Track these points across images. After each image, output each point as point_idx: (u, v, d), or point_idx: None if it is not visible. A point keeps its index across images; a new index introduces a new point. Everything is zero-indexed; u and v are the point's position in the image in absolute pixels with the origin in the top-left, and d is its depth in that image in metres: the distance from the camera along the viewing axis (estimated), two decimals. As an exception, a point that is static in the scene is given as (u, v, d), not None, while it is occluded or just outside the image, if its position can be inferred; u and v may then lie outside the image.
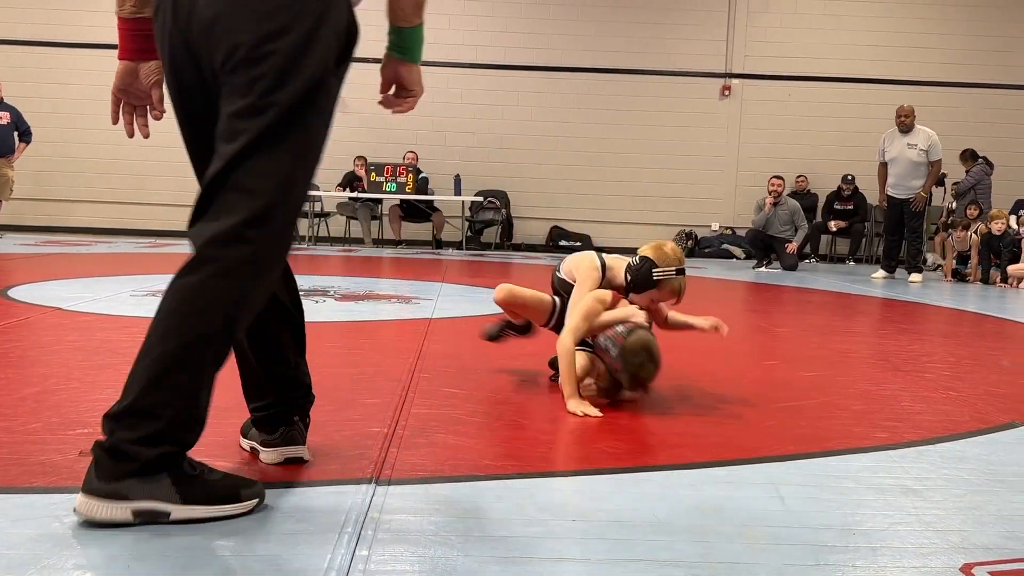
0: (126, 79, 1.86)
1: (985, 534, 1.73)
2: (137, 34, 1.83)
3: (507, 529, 1.66)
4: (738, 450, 2.30)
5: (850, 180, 12.09)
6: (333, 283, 6.38)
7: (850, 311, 6.32)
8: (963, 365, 3.84)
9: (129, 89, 1.87)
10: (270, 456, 1.99)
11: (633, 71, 12.80)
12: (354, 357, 3.45)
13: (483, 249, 12.13)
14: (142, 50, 1.83)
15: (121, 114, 1.90)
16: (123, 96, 1.88)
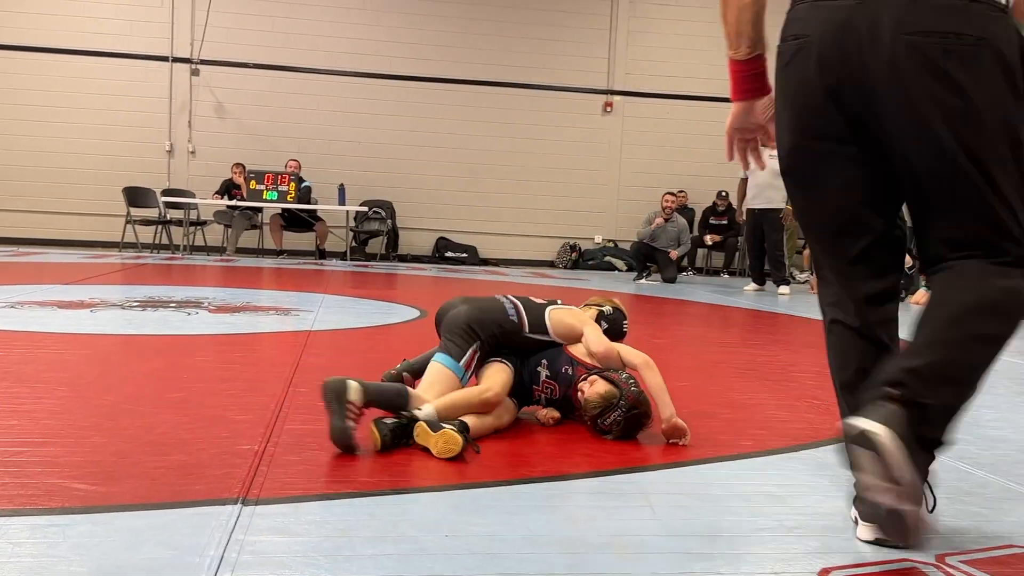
0: (741, 118, 1.97)
1: (842, 539, 1.81)
2: (752, 74, 1.91)
3: (377, 547, 1.63)
4: (611, 460, 2.33)
5: (724, 196, 12.54)
6: (208, 294, 6.18)
7: (723, 323, 6.54)
8: (826, 374, 4.00)
9: (744, 126, 1.98)
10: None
11: (518, 85, 12.94)
12: (226, 371, 3.34)
13: (368, 260, 11.99)
14: (757, 89, 1.92)
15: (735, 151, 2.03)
16: (737, 134, 2.00)
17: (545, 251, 13.16)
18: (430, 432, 2.27)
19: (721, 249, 12.79)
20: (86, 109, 12.04)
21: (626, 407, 2.49)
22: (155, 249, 11.67)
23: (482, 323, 2.72)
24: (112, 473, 2.00)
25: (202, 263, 9.86)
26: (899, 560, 1.69)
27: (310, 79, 12.50)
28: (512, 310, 2.81)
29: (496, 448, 2.38)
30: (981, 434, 2.88)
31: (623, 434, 2.53)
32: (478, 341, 2.67)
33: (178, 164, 12.40)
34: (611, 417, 2.50)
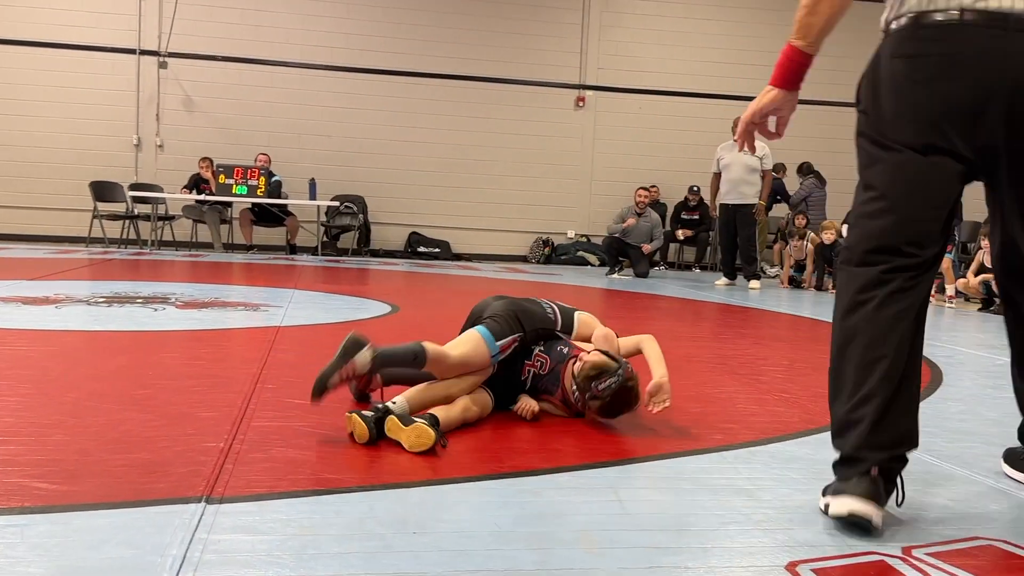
0: (777, 103, 2.06)
1: (810, 531, 1.82)
2: (804, 68, 2.03)
3: (343, 546, 1.61)
4: (580, 455, 2.33)
5: (696, 191, 12.60)
6: (175, 290, 6.11)
7: (694, 317, 6.56)
8: (796, 368, 4.05)
9: (773, 113, 2.08)
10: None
11: (490, 79, 12.91)
12: (193, 368, 3.30)
13: (340, 255, 11.92)
14: (799, 81, 2.04)
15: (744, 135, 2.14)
16: (760, 118, 2.09)
17: (518, 246, 13.16)
18: (402, 426, 2.26)
19: (693, 244, 12.87)
20: (52, 102, 11.86)
21: (622, 377, 2.56)
22: (122, 244, 11.52)
23: (530, 318, 2.80)
24: (74, 472, 1.97)
25: (170, 258, 9.76)
26: (866, 553, 1.70)
27: (280, 72, 12.39)
28: (551, 311, 2.92)
29: (465, 443, 2.37)
30: (947, 427, 2.91)
31: (609, 408, 2.59)
32: (522, 332, 2.74)
33: (146, 158, 12.25)
34: (605, 382, 2.55)
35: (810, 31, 2.00)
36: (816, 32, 2.01)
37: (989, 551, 1.75)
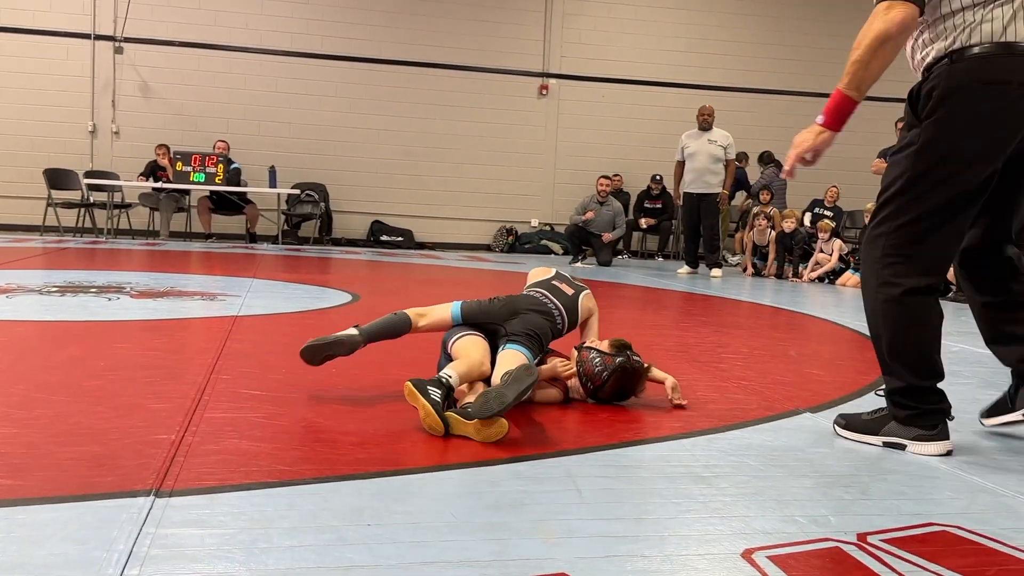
0: (826, 145, 2.40)
1: (765, 519, 1.82)
2: (852, 113, 2.35)
3: (296, 539, 1.58)
4: (539, 444, 2.31)
5: (658, 180, 12.64)
6: (131, 279, 6.00)
7: (656, 305, 6.59)
8: (755, 356, 4.07)
9: (821, 151, 2.40)
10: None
11: (453, 66, 12.83)
12: (146, 359, 3.24)
13: (301, 244, 11.80)
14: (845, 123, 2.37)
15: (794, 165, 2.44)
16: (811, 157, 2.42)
17: (482, 234, 13.12)
18: (465, 421, 2.29)
19: (656, 232, 12.91)
20: (4, 88, 11.59)
21: (638, 361, 2.78)
22: (78, 233, 11.31)
23: (544, 336, 2.86)
24: (20, 465, 1.91)
25: (126, 247, 9.59)
26: (821, 539, 1.71)
27: (239, 58, 12.21)
28: (559, 319, 2.94)
29: (423, 434, 2.34)
30: (902, 413, 2.94)
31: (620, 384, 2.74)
32: (541, 353, 2.85)
33: (101, 145, 12.02)
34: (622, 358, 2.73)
35: (863, 85, 2.32)
36: (866, 84, 2.33)
37: (943, 537, 1.77)
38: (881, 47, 2.26)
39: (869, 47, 2.26)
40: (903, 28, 2.25)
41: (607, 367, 2.73)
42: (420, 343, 2.81)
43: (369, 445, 2.22)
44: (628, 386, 2.78)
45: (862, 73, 2.29)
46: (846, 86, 2.31)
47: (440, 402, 2.34)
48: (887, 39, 2.25)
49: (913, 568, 1.58)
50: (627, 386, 2.77)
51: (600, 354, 2.77)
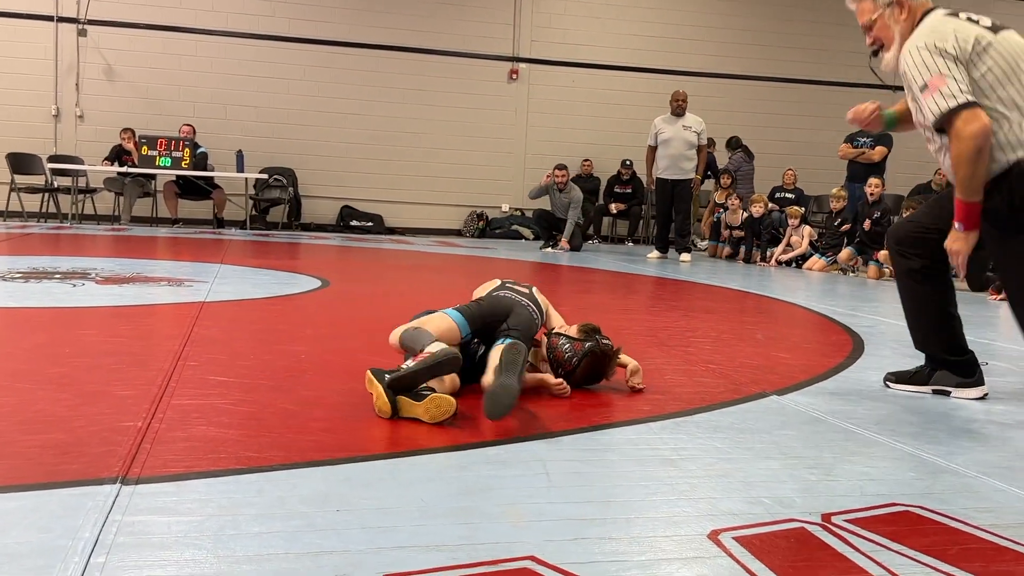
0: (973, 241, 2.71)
1: (731, 500, 1.84)
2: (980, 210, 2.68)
3: (264, 525, 1.58)
4: (509, 429, 2.32)
5: (628, 165, 12.67)
6: (96, 264, 5.92)
7: (626, 290, 6.62)
8: (723, 339, 4.11)
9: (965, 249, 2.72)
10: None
11: (423, 50, 12.75)
12: (112, 345, 3.20)
13: (269, 229, 11.70)
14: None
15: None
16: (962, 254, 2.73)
17: (452, 219, 13.09)
18: (414, 402, 2.29)
19: (626, 217, 12.95)
20: (-37, 70, 11.36)
21: (608, 344, 2.81)
22: (42, 218, 11.14)
23: (535, 329, 2.84)
24: (-19, 454, 1.89)
25: (91, 232, 9.46)
26: (786, 520, 1.73)
27: (205, 41, 12.05)
28: (536, 314, 2.87)
29: (393, 420, 2.34)
30: (867, 395, 2.99)
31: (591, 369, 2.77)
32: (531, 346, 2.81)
33: (65, 129, 11.82)
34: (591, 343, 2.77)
35: (977, 189, 2.65)
36: (976, 189, 2.65)
37: (906, 517, 1.80)
38: (977, 158, 2.60)
39: (969, 162, 2.60)
40: (985, 135, 2.58)
41: (576, 352, 2.76)
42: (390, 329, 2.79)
43: (338, 431, 2.22)
44: (599, 369, 2.81)
45: (970, 183, 2.64)
46: (965, 196, 2.66)
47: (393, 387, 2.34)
48: (979, 151, 2.59)
49: (876, 548, 1.61)
50: (598, 370, 2.80)
51: (569, 340, 2.80)
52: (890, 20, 2.85)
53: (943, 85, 2.62)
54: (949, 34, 2.66)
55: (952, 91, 2.60)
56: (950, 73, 2.62)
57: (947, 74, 2.62)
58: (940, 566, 1.54)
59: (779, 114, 13.50)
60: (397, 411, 2.33)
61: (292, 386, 2.69)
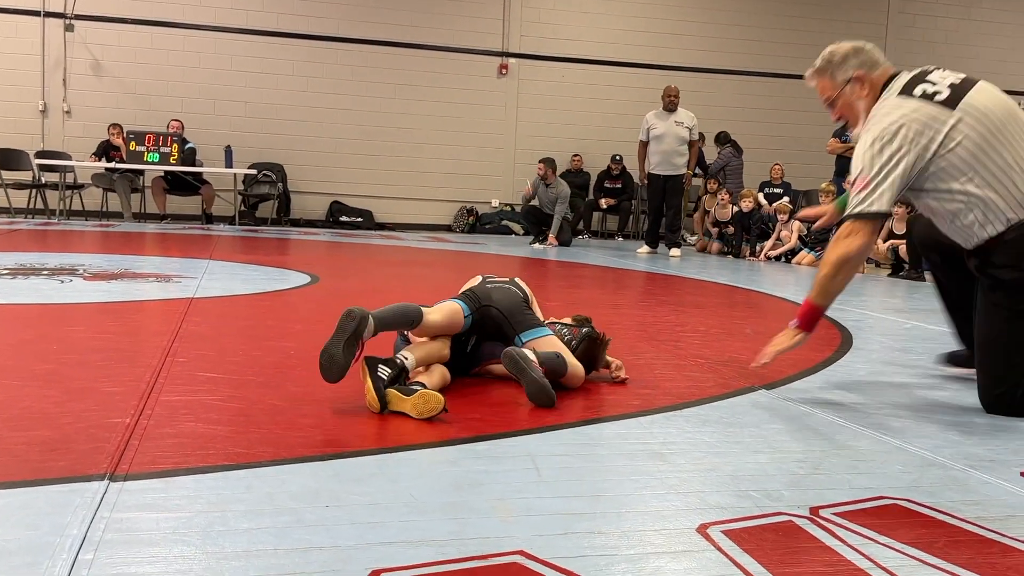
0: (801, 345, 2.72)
1: (720, 494, 1.85)
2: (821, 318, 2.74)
3: (253, 521, 1.57)
4: (499, 424, 2.32)
5: (618, 160, 12.67)
6: (84, 261, 5.89)
7: (616, 285, 6.63)
8: (712, 334, 4.12)
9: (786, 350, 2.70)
10: None
11: (412, 45, 12.73)
12: (99, 342, 3.18)
13: (258, 224, 11.67)
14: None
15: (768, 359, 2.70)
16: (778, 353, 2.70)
17: (442, 215, 13.08)
18: (403, 396, 2.30)
19: (616, 212, 12.96)
20: (-52, 65, 11.28)
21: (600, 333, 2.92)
22: (29, 214, 11.08)
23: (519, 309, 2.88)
24: (-32, 452, 1.88)
25: (79, 228, 9.41)
26: (774, 514, 1.74)
27: (193, 35, 11.99)
28: (518, 292, 2.91)
29: (382, 415, 2.34)
30: (855, 388, 3.00)
31: (588, 355, 2.85)
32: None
33: (52, 125, 11.75)
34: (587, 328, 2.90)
35: (829, 297, 2.67)
36: (832, 296, 2.68)
37: (893, 510, 1.81)
38: (844, 267, 2.60)
39: (834, 266, 2.60)
40: (861, 253, 2.59)
41: (575, 337, 2.87)
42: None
43: (327, 427, 2.22)
44: (594, 356, 2.89)
45: (828, 286, 2.64)
46: (815, 297, 2.66)
47: (383, 379, 2.36)
48: (848, 261, 2.59)
49: (864, 540, 1.62)
50: (593, 356, 2.88)
51: (567, 326, 2.93)
52: (851, 97, 2.79)
53: (864, 188, 2.59)
54: (898, 133, 2.57)
55: (864, 198, 2.58)
56: (877, 179, 2.56)
57: (873, 179, 2.57)
58: (927, 558, 1.55)
59: (768, 109, 13.53)
60: (386, 405, 2.33)
61: (281, 382, 2.68)
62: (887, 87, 2.73)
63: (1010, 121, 2.62)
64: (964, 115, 2.57)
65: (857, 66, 2.76)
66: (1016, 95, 12.67)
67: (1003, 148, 2.57)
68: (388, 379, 2.38)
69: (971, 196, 2.58)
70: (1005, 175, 2.57)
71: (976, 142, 2.56)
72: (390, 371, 2.40)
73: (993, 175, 2.56)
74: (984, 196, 2.58)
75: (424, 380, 2.48)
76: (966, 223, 2.64)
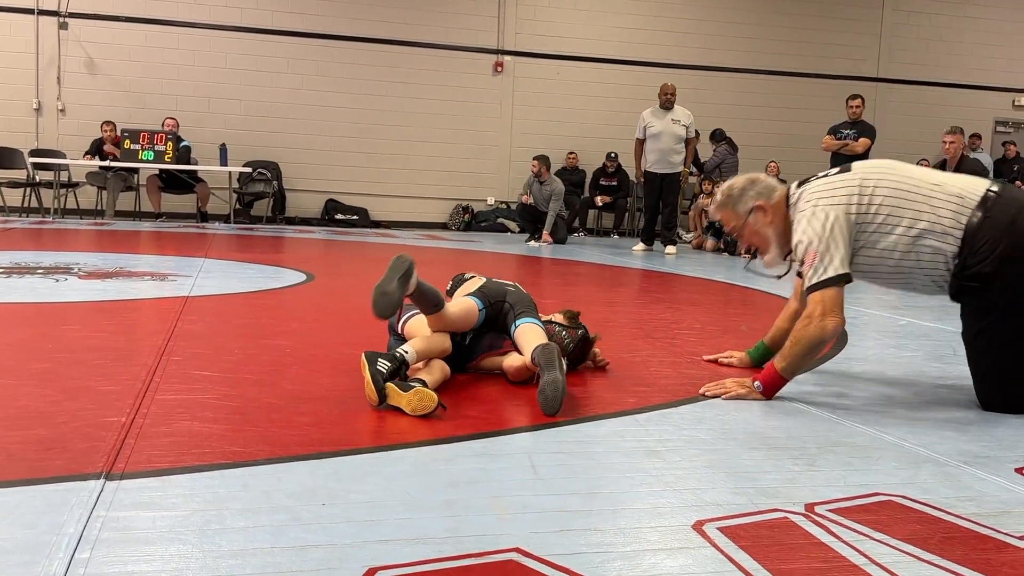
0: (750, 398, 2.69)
1: (716, 491, 1.85)
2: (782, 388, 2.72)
3: (249, 519, 1.57)
4: (495, 422, 2.33)
5: (613, 157, 12.67)
6: (79, 259, 5.88)
7: (612, 282, 6.63)
8: (708, 331, 4.12)
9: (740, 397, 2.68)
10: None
11: (407, 43, 12.71)
12: (95, 341, 3.18)
13: (253, 223, 11.65)
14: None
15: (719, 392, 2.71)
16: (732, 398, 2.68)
17: (438, 213, 13.07)
18: (401, 392, 2.32)
19: (611, 210, 12.96)
20: (-58, 63, 11.24)
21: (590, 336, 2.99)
22: (23, 213, 11.05)
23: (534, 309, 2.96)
24: (-37, 451, 1.87)
25: (74, 227, 9.39)
26: (770, 510, 1.74)
27: (188, 33, 11.96)
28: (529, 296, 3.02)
29: (379, 413, 2.34)
30: (850, 385, 3.01)
31: (581, 353, 2.96)
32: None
33: (47, 123, 11.73)
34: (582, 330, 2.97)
35: (797, 372, 2.72)
36: (799, 371, 2.74)
37: (889, 506, 1.81)
38: (818, 348, 2.65)
39: (806, 347, 2.63)
40: (835, 334, 2.65)
41: (573, 339, 2.95)
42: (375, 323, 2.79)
43: (324, 425, 2.22)
44: (585, 353, 3.01)
45: (797, 364, 2.68)
46: (783, 370, 2.67)
47: (383, 372, 2.37)
48: (823, 343, 2.65)
49: (859, 537, 1.62)
50: (585, 353, 3.01)
51: (563, 327, 2.97)
52: (757, 225, 2.89)
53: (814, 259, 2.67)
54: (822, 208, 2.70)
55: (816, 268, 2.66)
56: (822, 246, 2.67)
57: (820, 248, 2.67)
58: (922, 555, 1.56)
59: (763, 106, 13.54)
60: (385, 398, 2.34)
61: (277, 380, 2.68)
62: (789, 203, 2.87)
63: (895, 163, 2.80)
64: (863, 172, 2.76)
65: (755, 196, 2.88)
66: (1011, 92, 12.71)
67: (910, 177, 2.72)
68: (388, 372, 2.39)
69: (920, 227, 2.65)
70: (930, 194, 2.67)
71: (890, 183, 2.70)
72: (389, 364, 2.41)
73: (923, 200, 2.66)
74: (929, 220, 2.64)
75: (425, 377, 2.49)
76: (932, 253, 2.66)
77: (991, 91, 14.51)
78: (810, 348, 2.63)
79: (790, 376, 2.70)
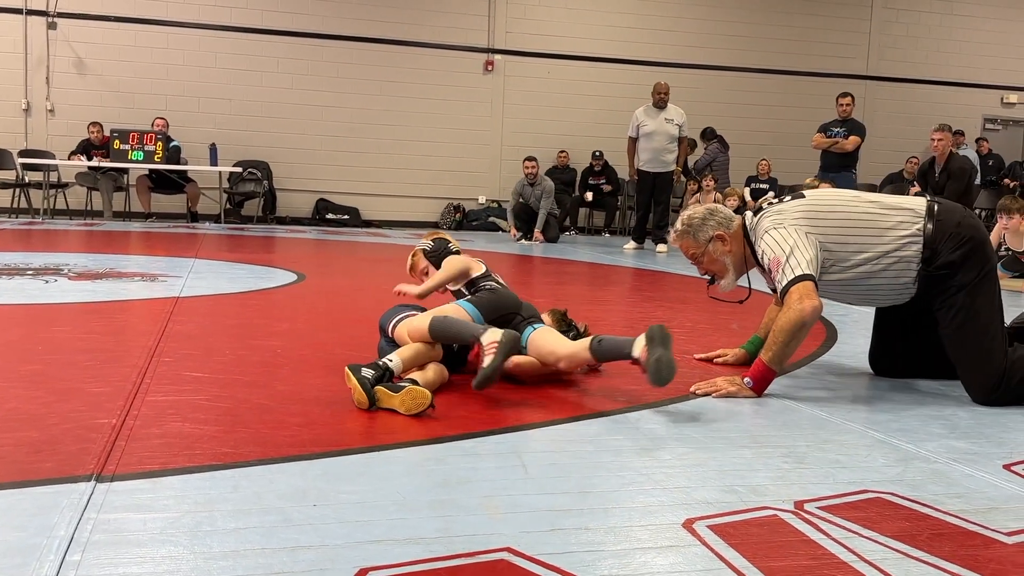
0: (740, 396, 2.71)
1: (706, 489, 1.86)
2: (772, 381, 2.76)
3: (240, 521, 1.58)
4: (486, 422, 2.33)
5: (598, 156, 12.67)
6: (68, 260, 5.86)
7: (602, 281, 6.64)
8: (699, 329, 4.13)
9: (730, 395, 2.70)
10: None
11: (397, 41, 12.68)
12: (85, 342, 3.17)
13: (244, 222, 11.62)
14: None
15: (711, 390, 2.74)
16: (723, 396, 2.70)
17: (429, 212, 13.05)
18: (391, 393, 2.33)
19: (602, 208, 12.97)
20: (-71, 63, 11.17)
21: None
22: (12, 214, 11.00)
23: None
24: (-47, 454, 1.87)
25: (64, 228, 9.35)
26: (759, 508, 1.75)
27: (177, 33, 11.91)
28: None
29: (369, 412, 2.34)
30: (839, 383, 3.02)
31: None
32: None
33: (36, 123, 11.66)
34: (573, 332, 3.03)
35: (783, 361, 2.73)
36: (786, 360, 2.76)
37: (877, 503, 1.82)
38: (800, 332, 2.67)
39: (789, 332, 2.66)
40: (815, 316, 2.67)
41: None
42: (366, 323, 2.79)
43: (315, 426, 2.22)
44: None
45: (783, 353, 2.70)
46: (769, 361, 2.70)
47: (368, 379, 2.38)
48: (804, 326, 2.66)
49: (848, 534, 1.64)
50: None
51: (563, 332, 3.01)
52: (716, 254, 3.01)
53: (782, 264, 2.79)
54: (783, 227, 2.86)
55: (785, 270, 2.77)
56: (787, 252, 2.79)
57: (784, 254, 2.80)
58: (911, 551, 1.57)
59: (753, 104, 13.56)
60: (374, 401, 2.34)
61: (268, 381, 2.68)
62: (747, 232, 3.00)
63: (842, 190, 3.05)
64: (814, 196, 2.96)
65: (716, 226, 3.01)
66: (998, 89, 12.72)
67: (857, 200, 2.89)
68: (373, 379, 2.40)
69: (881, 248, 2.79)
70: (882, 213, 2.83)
71: (841, 207, 2.86)
72: (373, 372, 2.42)
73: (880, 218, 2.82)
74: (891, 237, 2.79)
75: (417, 377, 2.49)
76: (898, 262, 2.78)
77: (980, 88, 14.57)
78: (792, 333, 2.66)
79: (778, 366, 2.72)
